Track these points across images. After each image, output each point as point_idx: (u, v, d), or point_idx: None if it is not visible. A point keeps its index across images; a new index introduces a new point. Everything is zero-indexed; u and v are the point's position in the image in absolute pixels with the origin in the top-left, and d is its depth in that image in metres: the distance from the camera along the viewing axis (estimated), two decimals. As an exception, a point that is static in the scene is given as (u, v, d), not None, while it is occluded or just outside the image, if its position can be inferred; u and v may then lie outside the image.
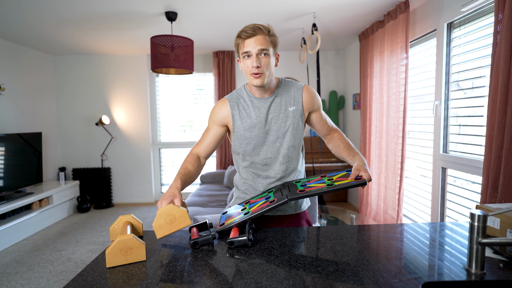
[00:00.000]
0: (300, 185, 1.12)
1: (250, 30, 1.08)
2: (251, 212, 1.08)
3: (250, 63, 1.11)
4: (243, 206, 1.18)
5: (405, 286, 0.73)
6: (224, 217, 1.18)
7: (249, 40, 1.09)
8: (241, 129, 1.20)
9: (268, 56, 1.11)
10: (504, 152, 1.56)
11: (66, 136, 4.52)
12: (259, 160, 1.22)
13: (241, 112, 1.21)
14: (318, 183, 1.10)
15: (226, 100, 1.23)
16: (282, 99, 1.20)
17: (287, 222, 1.27)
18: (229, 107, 1.22)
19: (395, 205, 2.86)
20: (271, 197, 1.12)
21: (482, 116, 2.02)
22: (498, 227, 0.97)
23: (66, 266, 2.63)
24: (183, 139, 4.74)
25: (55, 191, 3.77)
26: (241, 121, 1.20)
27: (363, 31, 3.48)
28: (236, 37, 1.13)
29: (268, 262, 0.88)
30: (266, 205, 1.07)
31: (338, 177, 1.10)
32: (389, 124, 2.95)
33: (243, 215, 1.08)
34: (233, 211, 1.19)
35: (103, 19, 2.94)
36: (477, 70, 2.03)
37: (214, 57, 4.37)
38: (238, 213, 1.13)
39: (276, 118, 1.19)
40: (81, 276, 0.83)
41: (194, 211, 2.86)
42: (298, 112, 1.19)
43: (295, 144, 1.20)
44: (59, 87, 4.46)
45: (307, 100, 1.20)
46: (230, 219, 1.13)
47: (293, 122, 1.19)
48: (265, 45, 1.09)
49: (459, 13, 2.12)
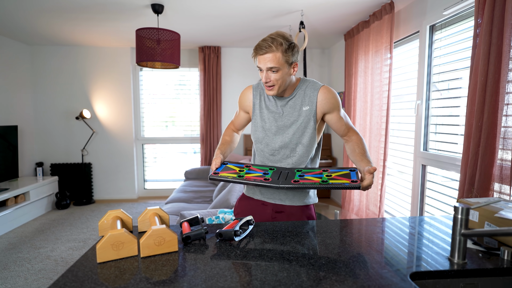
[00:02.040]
0: (299, 175, 1.14)
1: (264, 48, 1.14)
2: (244, 178, 1.13)
3: (262, 76, 1.19)
4: (243, 167, 1.24)
5: (394, 276, 0.77)
6: (223, 167, 1.24)
7: (261, 57, 1.15)
8: (258, 118, 1.31)
9: (278, 72, 1.16)
10: (481, 150, 1.65)
11: (43, 130, 4.34)
12: (268, 150, 1.29)
13: (262, 102, 1.31)
14: (315, 176, 1.11)
15: (251, 88, 1.34)
16: (298, 99, 1.26)
17: (287, 212, 1.30)
18: (251, 96, 1.33)
19: (377, 201, 2.96)
20: (269, 174, 1.17)
21: (459, 116, 2.12)
22: (477, 220, 1.03)
23: (45, 264, 2.54)
24: (165, 135, 4.67)
25: (32, 187, 3.62)
26: (260, 110, 1.31)
27: (348, 31, 3.54)
28: (253, 49, 1.19)
29: (261, 255, 0.89)
30: (259, 179, 1.12)
31: (337, 175, 1.12)
32: (373, 123, 3.03)
33: (237, 177, 1.14)
34: (233, 167, 1.25)
35: (85, 9, 2.84)
36: (457, 72, 2.12)
37: (200, 52, 4.32)
38: (234, 171, 1.19)
39: (289, 115, 1.26)
40: (71, 272, 0.81)
41: (180, 207, 2.83)
42: (311, 112, 1.24)
43: (304, 142, 1.25)
44: (36, 78, 4.26)
45: (321, 102, 1.24)
46: (225, 172, 1.18)
47: (304, 121, 1.24)
48: (275, 63, 1.14)
49: (441, 16, 2.20)
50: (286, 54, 1.14)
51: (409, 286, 0.72)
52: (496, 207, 1.00)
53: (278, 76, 1.16)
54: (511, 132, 1.52)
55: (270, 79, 1.16)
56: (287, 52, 1.14)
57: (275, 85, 1.18)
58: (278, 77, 1.16)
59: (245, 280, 0.76)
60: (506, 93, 1.54)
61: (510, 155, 1.53)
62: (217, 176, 1.14)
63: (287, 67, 1.17)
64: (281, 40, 1.13)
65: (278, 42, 1.13)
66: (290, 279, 0.76)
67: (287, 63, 1.16)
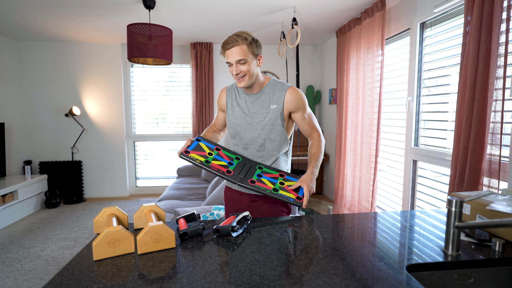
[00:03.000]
0: (257, 174, 1.27)
1: (230, 43, 1.25)
2: (210, 165, 1.24)
3: (232, 70, 1.31)
4: (213, 149, 1.35)
5: (391, 268, 0.78)
6: (195, 144, 1.33)
7: (228, 51, 1.27)
8: (231, 116, 1.43)
9: (246, 63, 1.28)
10: (471, 145, 1.69)
11: (32, 128, 4.23)
12: (241, 144, 1.42)
13: (233, 101, 1.43)
14: (270, 181, 1.25)
15: (225, 89, 1.48)
16: (266, 97, 1.36)
17: (261, 201, 1.36)
18: (225, 96, 1.46)
19: (369, 196, 3.00)
20: (233, 164, 1.29)
21: (448, 112, 2.16)
22: (469, 212, 1.06)
23: (35, 264, 2.49)
24: (157, 132, 4.62)
25: (20, 185, 3.54)
26: (232, 109, 1.43)
27: (340, 28, 3.56)
28: (221, 46, 1.30)
29: (259, 250, 0.90)
30: (222, 170, 1.24)
31: (289, 185, 1.25)
32: (364, 119, 3.06)
33: (204, 162, 1.25)
34: (204, 146, 1.34)
35: (75, 4, 2.77)
36: (447, 69, 2.16)
37: (192, 49, 4.28)
38: (203, 154, 1.29)
39: (258, 112, 1.36)
40: (67, 270, 0.80)
41: (173, 204, 2.82)
42: (278, 111, 1.34)
43: (272, 137, 1.36)
44: (24, 74, 4.15)
45: (288, 101, 1.34)
46: (196, 153, 1.28)
47: (272, 118, 1.34)
48: (242, 55, 1.26)
49: (432, 14, 2.23)
50: (251, 46, 1.27)
51: (405, 278, 0.73)
52: (487, 200, 1.02)
53: (246, 67, 1.28)
54: (500, 128, 1.56)
55: (240, 70, 1.28)
56: (251, 45, 1.27)
57: (246, 75, 1.29)
58: (247, 69, 1.28)
59: (245, 275, 0.76)
60: (494, 89, 1.57)
61: (498, 150, 1.57)
62: (187, 156, 1.25)
63: (253, 59, 1.30)
64: (245, 35, 1.26)
65: (242, 37, 1.26)
66: (289, 273, 0.77)
67: (253, 54, 1.29)
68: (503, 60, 1.53)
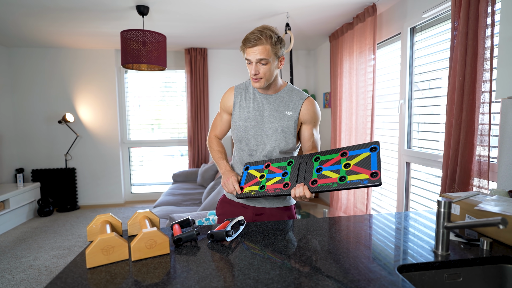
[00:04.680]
0: (316, 169, 1.10)
1: (253, 41, 1.14)
2: (266, 189, 1.15)
3: (250, 69, 1.19)
4: (263, 168, 1.23)
5: (383, 269, 0.79)
6: (245, 175, 1.24)
7: (250, 49, 1.15)
8: (237, 117, 1.29)
9: (267, 64, 1.17)
10: (461, 147, 1.72)
11: (24, 135, 4.20)
12: (247, 149, 1.30)
13: (242, 101, 1.30)
14: (333, 169, 1.06)
15: (233, 88, 1.34)
16: (282, 102, 1.26)
17: (267, 214, 1.29)
18: (233, 95, 1.32)
19: (364, 199, 3.02)
20: (288, 174, 1.15)
21: (439, 114, 2.20)
22: (458, 213, 1.08)
23: (27, 274, 2.46)
24: (152, 137, 4.61)
25: (11, 194, 3.50)
26: (240, 109, 1.29)
27: (333, 32, 3.61)
28: (241, 42, 1.18)
29: (253, 254, 0.90)
30: (278, 188, 1.13)
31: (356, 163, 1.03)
32: (358, 122, 3.09)
33: (258, 189, 1.16)
34: (254, 172, 1.24)
35: (68, 10, 2.77)
36: (437, 72, 2.20)
37: (186, 54, 4.29)
38: (256, 180, 1.20)
39: (271, 116, 1.25)
40: (60, 279, 0.79)
41: (169, 210, 2.81)
42: (293, 118, 1.24)
43: (282, 146, 1.24)
44: (16, 82, 4.12)
45: (304, 111, 1.25)
46: (248, 184, 1.20)
47: (286, 126, 1.24)
48: (264, 55, 1.14)
49: (421, 19, 2.28)
50: (275, 47, 1.16)
51: (397, 279, 0.75)
52: (475, 200, 1.05)
53: (266, 68, 1.17)
54: (488, 129, 1.60)
55: (259, 72, 1.17)
56: (276, 45, 1.16)
57: (263, 78, 1.19)
58: (267, 70, 1.17)
59: (239, 280, 0.77)
60: (482, 92, 1.61)
61: (487, 151, 1.60)
62: (242, 194, 1.19)
63: (275, 60, 1.19)
64: (270, 32, 1.15)
65: (267, 34, 1.14)
66: (283, 276, 0.77)
67: (275, 55, 1.18)
68: (489, 63, 1.57)
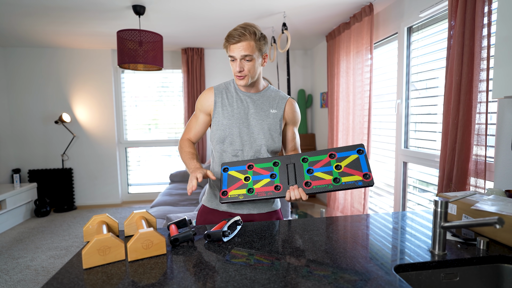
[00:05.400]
0: (307, 170, 1.07)
1: (236, 37, 1.12)
2: (256, 192, 1.08)
3: (234, 66, 1.17)
4: (245, 170, 1.15)
5: (379, 269, 0.79)
6: (226, 177, 1.16)
7: (234, 46, 1.14)
8: (221, 116, 1.24)
9: (252, 61, 1.16)
10: (458, 146, 1.73)
11: (20, 135, 4.17)
12: (231, 150, 1.23)
13: (224, 100, 1.26)
14: (325, 171, 1.05)
15: (212, 88, 1.29)
16: (266, 100, 1.26)
17: (257, 221, 1.25)
18: (213, 95, 1.27)
19: (361, 199, 3.03)
20: (276, 175, 1.10)
21: (436, 114, 2.21)
22: (455, 212, 1.08)
23: (24, 274, 2.44)
24: (148, 138, 4.60)
25: (8, 194, 3.48)
26: (222, 108, 1.25)
27: (330, 32, 3.61)
28: (224, 39, 1.16)
29: (250, 255, 0.90)
30: (270, 191, 1.08)
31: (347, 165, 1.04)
32: (355, 122, 3.10)
33: (246, 192, 1.10)
34: (236, 174, 1.16)
35: (64, 10, 2.76)
36: (434, 71, 2.21)
37: (183, 54, 4.28)
38: (241, 183, 1.12)
39: (256, 114, 1.24)
40: (56, 280, 0.79)
41: (166, 210, 2.80)
42: (278, 116, 1.25)
43: (269, 145, 1.23)
44: (11, 82, 4.09)
45: (288, 111, 1.27)
46: (232, 188, 1.12)
47: (272, 124, 1.24)
48: (249, 51, 1.13)
49: (418, 18, 2.28)
50: (259, 43, 1.15)
51: (393, 279, 0.75)
52: (472, 199, 1.05)
53: (251, 65, 1.16)
54: (484, 129, 1.60)
55: (244, 68, 1.16)
56: (260, 41, 1.16)
57: (248, 75, 1.17)
58: (251, 66, 1.16)
59: (235, 280, 0.76)
60: (479, 92, 1.62)
61: (484, 151, 1.61)
62: (228, 199, 1.11)
63: (259, 57, 1.18)
64: (253, 29, 1.14)
65: (250, 30, 1.13)
66: (279, 276, 0.77)
67: (260, 52, 1.17)
68: (486, 63, 1.58)
